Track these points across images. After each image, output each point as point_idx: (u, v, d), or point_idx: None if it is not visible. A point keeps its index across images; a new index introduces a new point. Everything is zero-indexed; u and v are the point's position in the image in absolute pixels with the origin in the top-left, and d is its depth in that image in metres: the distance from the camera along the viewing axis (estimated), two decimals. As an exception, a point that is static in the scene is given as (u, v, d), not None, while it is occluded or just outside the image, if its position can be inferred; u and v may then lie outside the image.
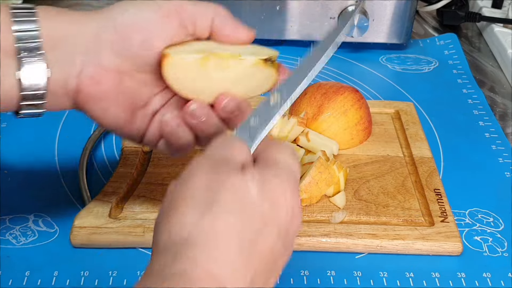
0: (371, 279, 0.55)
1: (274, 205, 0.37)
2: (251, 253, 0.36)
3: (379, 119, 0.74)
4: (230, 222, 0.35)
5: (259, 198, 0.37)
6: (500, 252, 0.59)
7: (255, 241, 0.36)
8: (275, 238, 0.37)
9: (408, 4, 0.86)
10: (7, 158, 0.67)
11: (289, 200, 0.38)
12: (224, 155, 0.39)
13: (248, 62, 0.48)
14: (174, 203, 0.37)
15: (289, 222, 0.38)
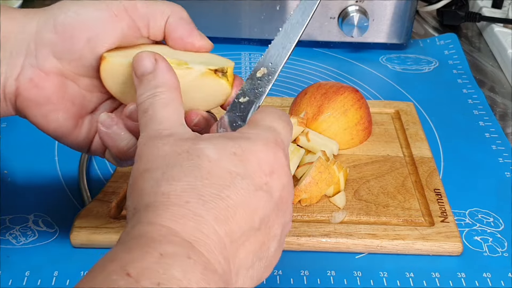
0: (371, 279, 0.55)
1: (241, 159, 0.36)
2: (218, 206, 0.34)
3: (379, 119, 0.74)
4: (187, 182, 0.35)
5: (219, 155, 0.36)
6: (500, 252, 0.59)
7: (222, 195, 0.35)
8: (250, 191, 0.36)
9: (408, 4, 0.86)
10: (7, 158, 0.67)
11: (260, 153, 0.37)
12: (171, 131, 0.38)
13: (195, 72, 0.44)
14: (133, 180, 0.37)
15: (267, 175, 0.37)
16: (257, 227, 0.36)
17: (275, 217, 0.37)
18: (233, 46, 0.90)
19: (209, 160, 0.36)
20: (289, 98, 0.77)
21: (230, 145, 0.37)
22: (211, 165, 0.35)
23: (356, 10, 0.84)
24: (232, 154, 0.36)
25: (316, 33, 0.88)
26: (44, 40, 0.42)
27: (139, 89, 0.41)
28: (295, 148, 0.63)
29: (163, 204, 0.34)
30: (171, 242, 0.32)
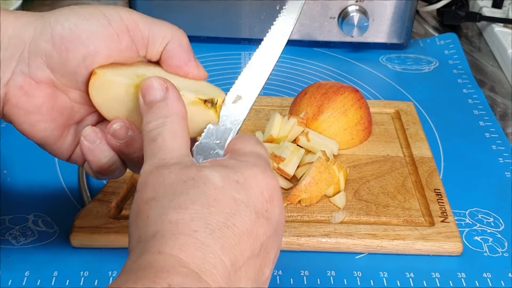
0: (371, 279, 0.55)
1: (244, 187, 0.36)
2: (224, 235, 0.34)
3: (379, 119, 0.74)
4: (194, 210, 0.35)
5: (224, 182, 0.36)
6: (500, 252, 0.59)
7: (228, 223, 0.35)
8: (252, 218, 0.36)
9: (408, 4, 0.86)
10: (7, 158, 0.67)
11: (261, 181, 0.37)
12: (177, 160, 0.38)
13: (185, 100, 0.42)
14: (138, 208, 0.36)
15: (267, 202, 0.37)
16: (257, 254, 0.36)
17: (273, 242, 0.38)
18: (233, 46, 0.90)
19: (214, 188, 0.36)
20: (289, 98, 0.77)
21: (233, 173, 0.37)
22: (217, 193, 0.36)
23: (356, 10, 0.84)
24: (235, 182, 0.36)
25: (316, 33, 0.88)
26: (39, 50, 0.41)
27: (146, 117, 0.40)
28: (295, 148, 0.63)
29: (171, 233, 0.34)
30: (179, 273, 0.32)
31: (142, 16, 0.44)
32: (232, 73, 0.85)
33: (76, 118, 0.46)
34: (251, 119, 0.72)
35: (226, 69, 0.86)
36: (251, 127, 0.71)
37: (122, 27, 0.43)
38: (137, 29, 0.43)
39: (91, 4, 1.01)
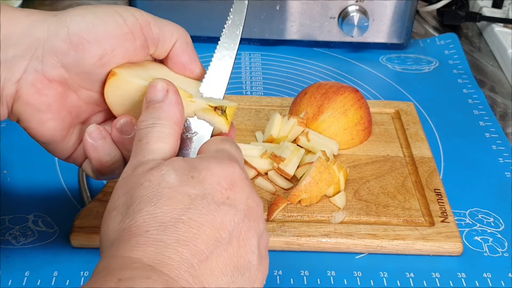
0: (371, 279, 0.55)
1: (199, 181, 0.37)
2: (179, 229, 0.35)
3: (379, 119, 0.74)
4: (147, 211, 0.35)
5: (179, 181, 0.37)
6: (501, 252, 0.59)
7: (183, 218, 0.35)
8: (212, 209, 0.36)
9: (408, 4, 0.86)
10: (7, 158, 0.67)
11: (217, 172, 0.38)
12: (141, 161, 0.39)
13: (196, 106, 0.44)
14: (103, 219, 0.38)
15: (228, 190, 0.37)
16: (227, 242, 0.36)
17: (247, 228, 0.37)
18: (233, 46, 0.90)
19: (169, 187, 0.36)
20: (289, 98, 0.77)
21: (188, 169, 0.37)
22: (171, 191, 0.36)
23: (356, 10, 0.84)
24: (191, 177, 0.37)
25: (316, 33, 0.88)
26: (54, 49, 0.42)
27: (143, 115, 0.41)
28: (295, 148, 0.63)
29: (125, 238, 0.35)
30: (130, 268, 0.33)
31: (152, 15, 0.45)
32: (232, 73, 0.85)
33: (82, 118, 0.46)
34: (251, 119, 0.72)
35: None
36: (251, 127, 0.71)
37: (136, 26, 0.43)
38: (149, 28, 0.44)
39: (91, 4, 1.01)
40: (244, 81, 0.83)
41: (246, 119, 0.72)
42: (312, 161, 0.61)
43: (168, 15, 0.86)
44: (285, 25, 0.87)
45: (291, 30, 0.88)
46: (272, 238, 0.57)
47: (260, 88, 0.82)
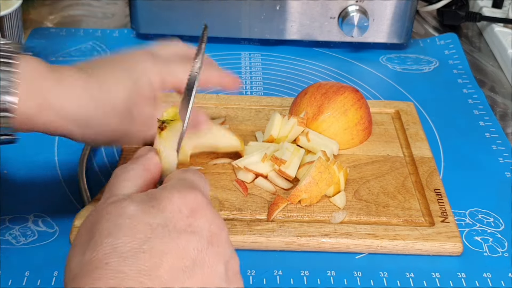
0: (371, 279, 0.55)
1: (159, 210, 0.37)
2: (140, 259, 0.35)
3: (379, 119, 0.74)
4: (106, 243, 0.35)
5: (139, 211, 0.37)
6: (501, 252, 0.59)
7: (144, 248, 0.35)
8: (174, 237, 0.36)
9: (408, 4, 0.86)
10: (7, 158, 0.67)
11: (177, 200, 0.38)
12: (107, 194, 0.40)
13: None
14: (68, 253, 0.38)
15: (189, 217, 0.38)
16: (191, 270, 0.36)
17: (212, 254, 0.37)
18: (233, 46, 0.90)
19: (128, 218, 0.37)
20: (289, 98, 0.77)
21: (148, 200, 0.38)
22: (131, 222, 0.36)
23: (356, 10, 0.84)
24: (151, 207, 0.37)
25: (316, 33, 0.88)
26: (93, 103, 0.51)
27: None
28: (295, 149, 0.63)
29: (86, 272, 0.35)
30: None
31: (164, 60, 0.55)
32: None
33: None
34: (251, 119, 0.72)
35: (226, 69, 0.86)
36: (251, 127, 0.71)
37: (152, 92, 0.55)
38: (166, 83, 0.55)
39: (90, 3, 1.01)
40: (244, 81, 0.83)
41: (246, 119, 0.72)
42: (312, 161, 0.61)
43: (168, 15, 0.86)
44: (285, 25, 0.87)
45: (291, 30, 0.88)
46: (272, 238, 0.57)
47: (260, 88, 0.82)
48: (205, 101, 0.74)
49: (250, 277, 0.55)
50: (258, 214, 0.59)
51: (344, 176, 0.62)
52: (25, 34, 0.88)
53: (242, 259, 0.56)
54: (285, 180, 0.63)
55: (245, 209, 0.60)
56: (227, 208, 0.60)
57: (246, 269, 0.55)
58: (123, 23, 0.96)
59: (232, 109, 0.74)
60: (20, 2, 0.73)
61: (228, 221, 0.58)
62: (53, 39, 0.89)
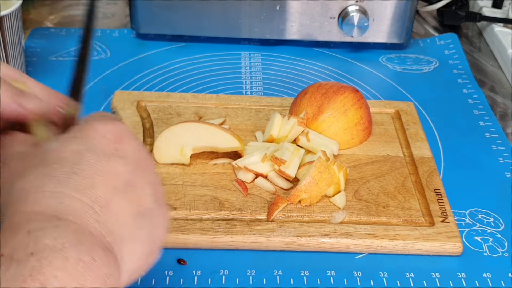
0: (371, 279, 0.55)
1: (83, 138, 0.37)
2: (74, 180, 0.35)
3: (379, 119, 0.74)
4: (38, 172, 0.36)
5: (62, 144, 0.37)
6: (501, 252, 0.59)
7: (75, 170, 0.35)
8: (102, 159, 0.37)
9: (408, 4, 0.86)
10: (7, 158, 0.67)
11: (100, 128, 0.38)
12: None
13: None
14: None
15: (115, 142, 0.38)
16: (124, 189, 0.37)
17: (140, 178, 0.38)
18: (233, 46, 0.90)
19: (52, 151, 0.37)
20: (289, 98, 0.77)
21: (70, 132, 0.38)
22: (56, 153, 0.37)
23: (356, 10, 0.84)
24: (73, 138, 0.38)
25: (316, 33, 0.88)
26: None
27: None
28: (295, 149, 0.63)
29: (20, 197, 0.35)
30: (36, 220, 0.33)
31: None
32: (232, 73, 0.85)
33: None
34: (251, 119, 0.72)
35: (226, 69, 0.86)
36: (251, 127, 0.71)
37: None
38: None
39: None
40: (244, 81, 0.83)
41: (246, 119, 0.72)
42: (312, 161, 0.61)
43: (168, 15, 0.86)
44: (285, 25, 0.87)
45: (291, 30, 0.88)
46: (272, 238, 0.57)
47: (260, 88, 0.82)
48: (205, 101, 0.74)
49: (250, 277, 0.55)
50: (258, 214, 0.59)
51: (344, 176, 0.62)
52: (25, 34, 0.88)
53: (242, 259, 0.56)
54: (285, 180, 0.62)
55: (245, 209, 0.60)
56: (227, 208, 0.60)
57: (246, 269, 0.55)
58: (123, 23, 0.96)
59: (232, 109, 0.74)
60: (20, 2, 0.73)
61: (228, 221, 0.58)
62: (53, 39, 0.89)
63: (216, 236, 0.56)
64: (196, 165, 0.65)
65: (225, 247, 0.57)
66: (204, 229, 0.57)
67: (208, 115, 0.72)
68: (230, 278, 0.54)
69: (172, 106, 0.73)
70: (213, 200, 0.60)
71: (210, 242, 0.56)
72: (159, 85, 0.81)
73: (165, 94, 0.76)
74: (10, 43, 0.73)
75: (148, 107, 0.73)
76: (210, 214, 0.59)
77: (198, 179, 0.63)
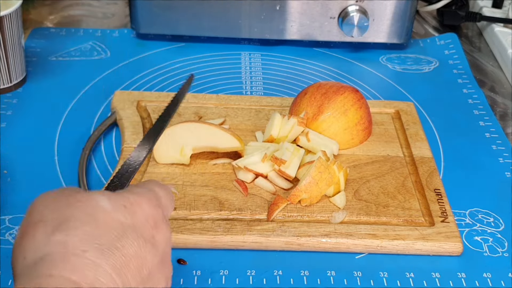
0: (371, 279, 0.55)
1: (130, 212, 0.38)
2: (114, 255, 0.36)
3: (379, 119, 0.74)
4: (83, 231, 0.36)
5: (112, 207, 0.38)
6: (501, 252, 0.59)
7: (117, 245, 0.36)
8: (140, 242, 0.38)
9: (408, 3, 0.86)
10: (7, 158, 0.67)
11: (146, 208, 0.39)
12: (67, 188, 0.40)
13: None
14: (25, 229, 0.37)
15: (153, 229, 0.39)
16: (145, 279, 0.38)
17: (159, 270, 0.39)
18: (233, 46, 0.90)
19: (103, 211, 0.37)
20: (289, 98, 0.77)
21: (120, 198, 0.39)
22: (105, 216, 0.37)
23: (356, 10, 0.84)
24: (123, 206, 0.38)
25: (316, 33, 0.88)
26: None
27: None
28: (295, 149, 0.63)
29: (60, 254, 0.35)
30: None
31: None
32: (232, 73, 0.85)
33: None
34: (251, 119, 0.72)
35: (226, 69, 0.86)
36: (251, 127, 0.71)
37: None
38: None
39: (91, 3, 1.01)
40: (244, 81, 0.83)
41: (246, 119, 0.72)
42: (312, 161, 0.61)
43: (168, 15, 0.86)
44: (285, 25, 0.87)
45: (291, 30, 0.88)
46: (272, 238, 0.57)
47: (260, 88, 0.82)
48: (205, 101, 0.74)
49: (250, 277, 0.55)
50: (258, 214, 0.59)
51: (344, 176, 0.62)
52: (25, 34, 0.88)
53: (242, 259, 0.56)
54: (285, 180, 0.62)
55: (245, 209, 0.60)
56: (227, 208, 0.60)
57: (246, 269, 0.55)
58: (123, 23, 0.96)
59: (232, 109, 0.74)
60: (20, 2, 0.73)
61: (228, 221, 0.58)
62: (53, 39, 0.89)
63: (216, 236, 0.56)
64: (196, 165, 0.65)
65: (225, 247, 0.57)
66: (204, 229, 0.57)
67: (208, 115, 0.72)
68: (230, 278, 0.54)
69: (172, 106, 0.73)
70: (213, 200, 0.60)
71: (210, 242, 0.56)
72: (159, 85, 0.81)
73: (165, 94, 0.76)
74: (10, 43, 0.73)
75: (148, 107, 0.73)
76: (210, 214, 0.59)
77: (198, 179, 0.63)
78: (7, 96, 0.76)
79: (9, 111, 0.74)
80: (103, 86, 0.80)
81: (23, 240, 0.37)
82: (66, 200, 0.38)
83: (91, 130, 0.71)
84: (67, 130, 0.72)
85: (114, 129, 0.72)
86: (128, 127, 0.69)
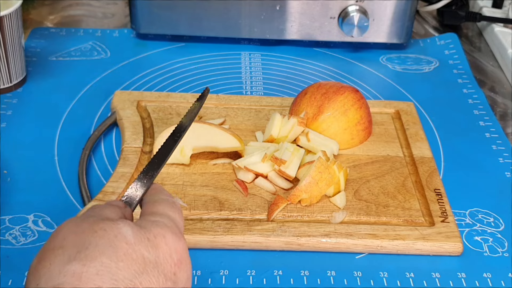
0: (371, 279, 0.55)
1: (154, 245, 0.37)
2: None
3: (379, 119, 0.74)
4: (101, 263, 0.35)
5: (135, 239, 0.36)
6: (501, 252, 0.59)
7: (135, 282, 0.35)
8: (160, 280, 0.36)
9: (409, 3, 0.86)
10: (7, 158, 0.67)
11: (170, 242, 0.38)
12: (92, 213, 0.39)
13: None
14: (43, 254, 0.37)
15: (176, 265, 0.38)
16: None
17: None
18: (233, 46, 0.90)
19: (126, 242, 0.36)
20: (289, 98, 0.77)
21: (144, 230, 0.38)
22: (127, 247, 0.36)
23: (356, 10, 0.84)
24: (146, 239, 0.37)
25: (316, 33, 0.88)
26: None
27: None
28: (294, 149, 0.63)
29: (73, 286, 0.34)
30: None
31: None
32: (232, 73, 0.85)
33: None
34: (251, 119, 0.72)
35: (226, 69, 0.86)
36: (251, 127, 0.71)
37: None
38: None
39: (91, 3, 1.01)
40: (244, 81, 0.83)
41: (246, 119, 0.72)
42: (312, 161, 0.61)
43: (168, 15, 0.86)
44: (285, 25, 0.87)
45: (291, 30, 0.88)
46: (272, 238, 0.57)
47: (260, 88, 0.82)
48: (205, 101, 0.74)
49: (250, 277, 0.55)
50: (258, 214, 0.59)
51: (344, 176, 0.62)
52: (25, 34, 0.88)
53: (242, 259, 0.56)
54: (285, 180, 0.63)
55: (245, 209, 0.60)
56: (227, 208, 0.60)
57: (246, 269, 0.55)
58: (123, 23, 0.96)
59: (232, 109, 0.74)
60: (20, 2, 0.73)
61: (228, 221, 0.58)
62: (53, 39, 0.89)
63: (216, 236, 0.56)
64: (196, 165, 0.65)
65: (225, 247, 0.57)
66: (204, 229, 0.57)
67: (208, 115, 0.72)
68: (230, 278, 0.54)
69: (172, 106, 0.73)
70: (213, 200, 0.60)
71: (210, 242, 0.56)
72: (159, 85, 0.81)
73: (165, 94, 0.76)
74: (10, 43, 0.73)
75: (148, 107, 0.73)
76: (210, 214, 0.59)
77: (198, 179, 0.63)
78: (7, 96, 0.76)
79: (9, 111, 0.74)
80: (103, 86, 0.80)
81: (39, 265, 0.36)
82: (89, 227, 0.37)
83: (91, 130, 0.71)
84: (67, 130, 0.72)
85: (114, 129, 0.72)
86: (128, 127, 0.69)
